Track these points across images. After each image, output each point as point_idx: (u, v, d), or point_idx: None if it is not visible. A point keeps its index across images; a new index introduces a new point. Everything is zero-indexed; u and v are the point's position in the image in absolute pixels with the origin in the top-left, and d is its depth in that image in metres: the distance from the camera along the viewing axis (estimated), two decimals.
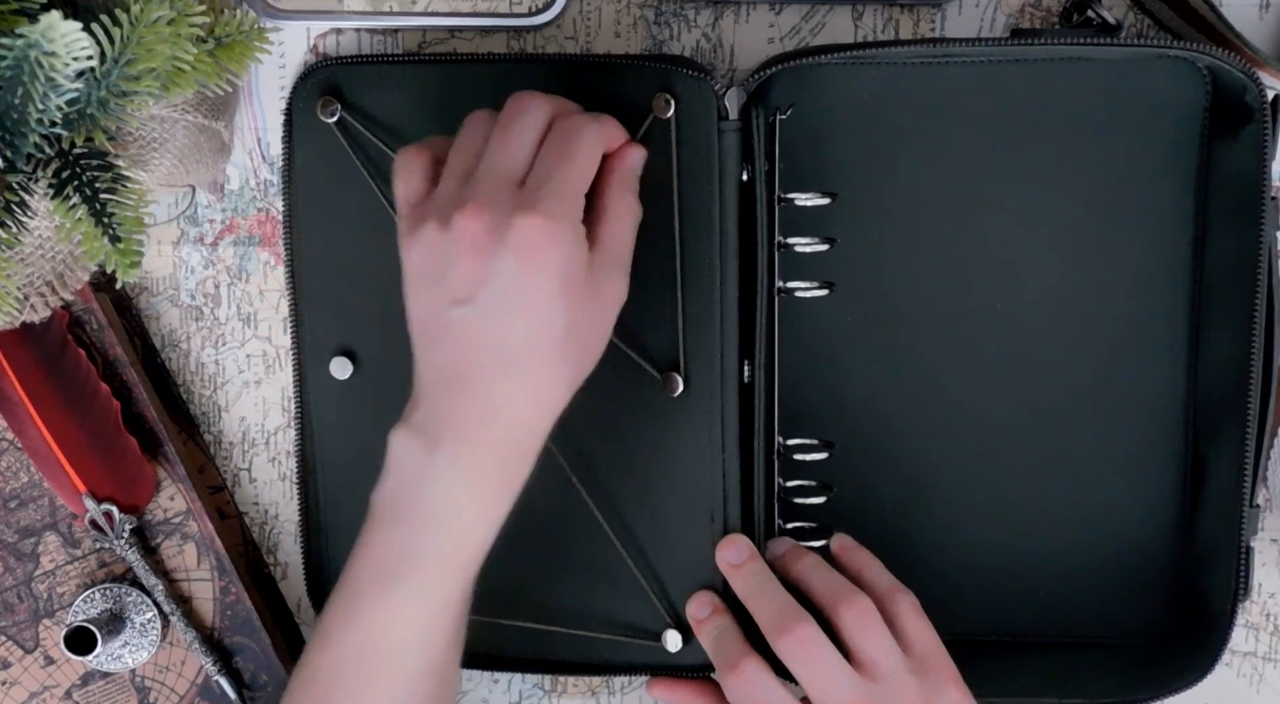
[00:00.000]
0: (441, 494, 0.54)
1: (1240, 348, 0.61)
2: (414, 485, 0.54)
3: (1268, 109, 0.59)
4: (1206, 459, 0.64)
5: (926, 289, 0.64)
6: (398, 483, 0.55)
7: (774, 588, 0.60)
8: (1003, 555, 0.65)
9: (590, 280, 0.54)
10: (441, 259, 0.53)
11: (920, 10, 0.65)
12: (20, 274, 0.59)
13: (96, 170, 0.50)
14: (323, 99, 0.63)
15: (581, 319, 0.54)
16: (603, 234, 0.56)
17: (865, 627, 0.57)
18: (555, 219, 0.52)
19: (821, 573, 0.60)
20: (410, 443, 0.54)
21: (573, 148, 0.54)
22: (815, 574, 0.60)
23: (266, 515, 0.70)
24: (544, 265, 0.52)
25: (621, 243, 0.57)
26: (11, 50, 0.43)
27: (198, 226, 0.68)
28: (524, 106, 0.55)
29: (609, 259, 0.56)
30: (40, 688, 0.69)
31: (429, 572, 0.54)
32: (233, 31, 0.52)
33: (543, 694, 0.70)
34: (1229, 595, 0.62)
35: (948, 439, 0.65)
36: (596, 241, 0.55)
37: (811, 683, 0.57)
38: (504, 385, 0.54)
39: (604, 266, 0.55)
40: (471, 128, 0.56)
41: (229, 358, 0.69)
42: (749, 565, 0.62)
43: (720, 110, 0.61)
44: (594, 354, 0.56)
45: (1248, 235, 0.60)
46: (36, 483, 0.68)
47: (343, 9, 0.65)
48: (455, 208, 0.53)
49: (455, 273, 0.53)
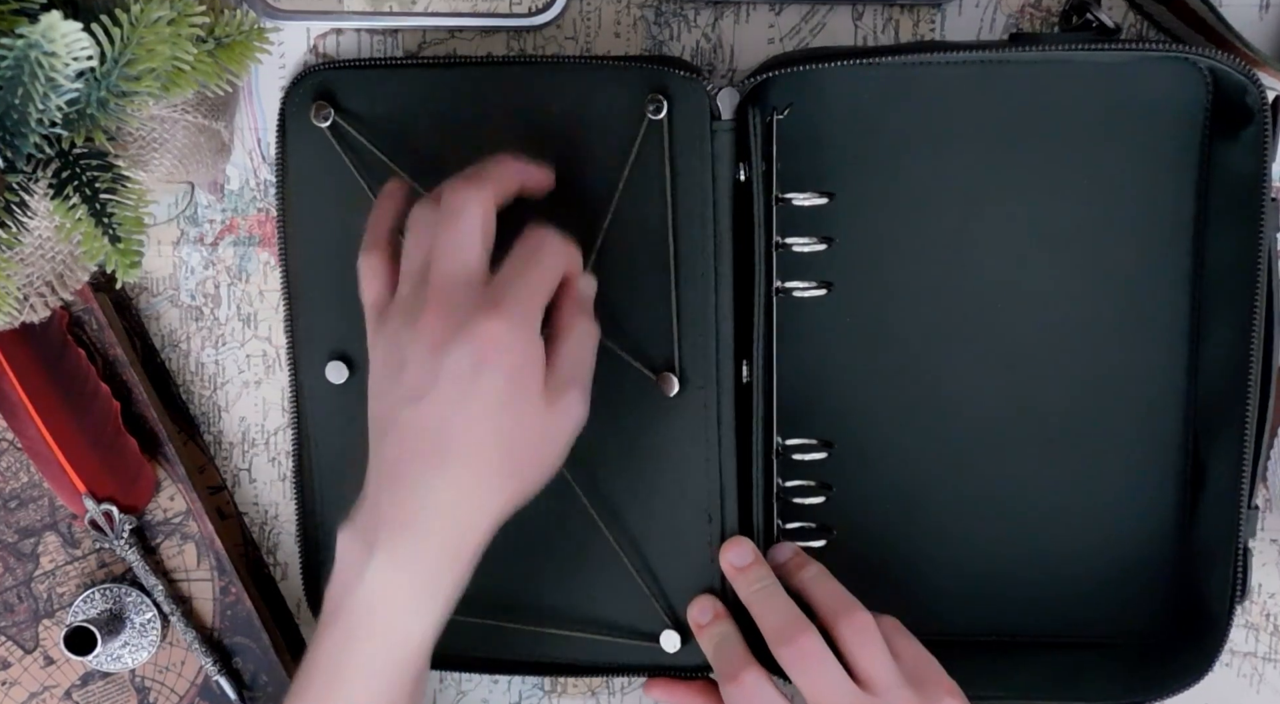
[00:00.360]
0: (377, 597, 0.54)
1: (1240, 348, 0.61)
2: (352, 587, 0.54)
3: (1268, 110, 0.59)
4: (1206, 459, 0.64)
5: (925, 289, 0.64)
6: (340, 584, 0.55)
7: (779, 595, 0.60)
8: (1002, 555, 0.65)
9: (547, 395, 0.54)
10: (401, 357, 0.54)
11: (920, 10, 0.65)
12: (20, 274, 0.59)
13: (96, 170, 0.50)
14: (316, 103, 0.63)
15: (532, 428, 0.54)
16: (564, 351, 0.56)
17: (865, 642, 0.58)
18: (517, 323, 0.53)
19: (824, 584, 0.60)
20: (350, 543, 0.55)
21: (540, 255, 0.55)
22: (817, 585, 0.60)
23: (266, 515, 0.70)
24: (499, 367, 0.52)
25: (582, 362, 0.56)
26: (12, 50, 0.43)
27: (198, 227, 0.68)
28: (462, 202, 0.55)
29: (570, 377, 0.55)
30: (40, 688, 0.69)
31: (370, 676, 0.54)
32: (233, 32, 0.52)
33: (543, 694, 0.70)
34: (1227, 596, 0.62)
35: (947, 439, 0.65)
36: (557, 358, 0.55)
37: (812, 694, 0.57)
38: (439, 484, 0.53)
39: (565, 384, 0.55)
40: (417, 227, 0.56)
41: (229, 358, 0.69)
42: (753, 570, 0.62)
43: (713, 110, 0.61)
44: (543, 468, 0.56)
45: (1248, 236, 0.60)
46: (36, 483, 0.68)
47: (343, 9, 0.65)
48: (419, 308, 0.53)
49: (411, 370, 0.53)
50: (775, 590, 0.60)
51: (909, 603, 0.63)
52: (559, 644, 0.65)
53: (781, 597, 0.60)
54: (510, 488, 0.55)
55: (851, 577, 0.61)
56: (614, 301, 0.62)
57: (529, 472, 0.55)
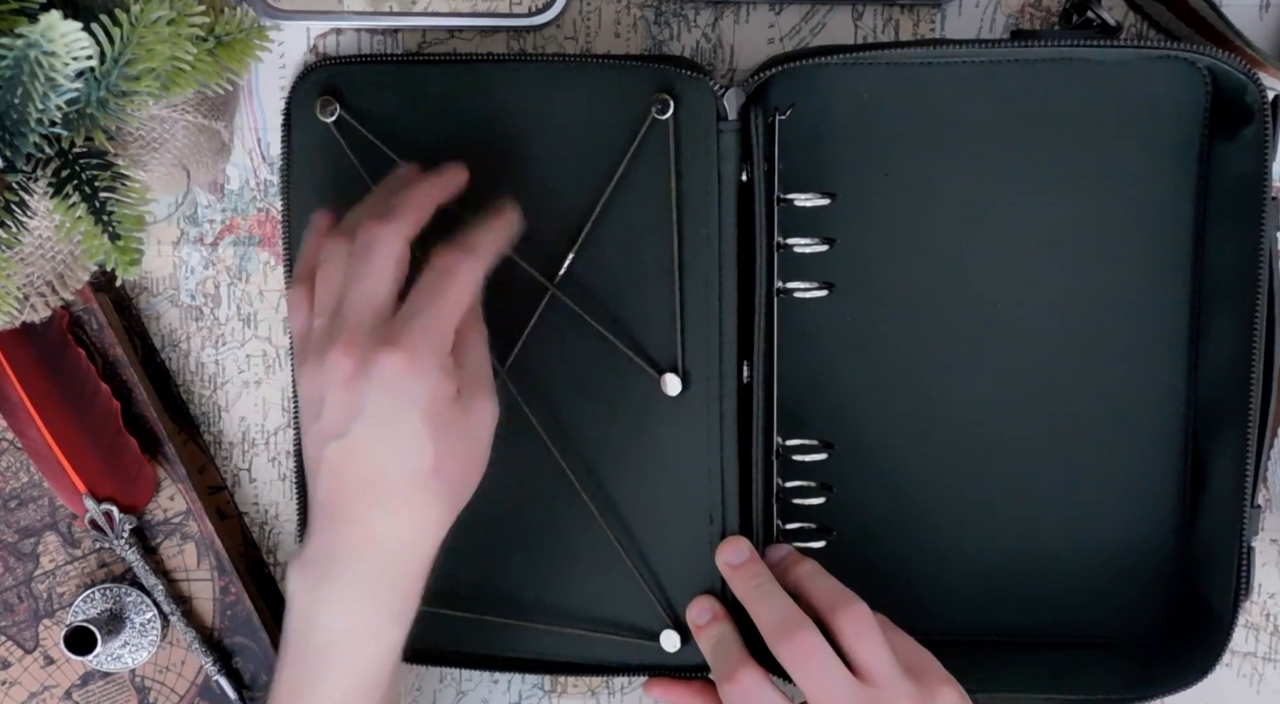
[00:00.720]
0: (327, 628, 0.55)
1: (1241, 348, 0.61)
2: (305, 621, 0.56)
3: (1268, 109, 0.59)
4: (1207, 459, 0.64)
5: (926, 289, 0.64)
6: (293, 618, 0.56)
7: (775, 592, 0.60)
8: (1003, 555, 0.65)
9: (459, 409, 0.55)
10: (318, 395, 0.55)
11: (920, 10, 0.65)
12: (20, 274, 0.59)
13: (96, 169, 0.50)
14: (321, 99, 0.63)
15: (453, 447, 0.55)
16: (463, 361, 0.56)
17: (863, 634, 0.58)
18: (418, 354, 0.53)
19: (819, 579, 0.60)
20: (300, 577, 0.56)
21: (444, 284, 0.55)
22: (813, 580, 0.60)
23: (266, 515, 0.70)
24: (407, 400, 0.53)
25: (478, 365, 0.57)
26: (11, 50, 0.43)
27: (198, 226, 0.68)
28: (372, 239, 0.55)
29: (474, 384, 0.56)
30: (40, 688, 0.69)
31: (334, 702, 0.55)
32: (232, 31, 0.52)
33: (543, 694, 0.70)
34: (1230, 595, 0.62)
35: (948, 440, 0.65)
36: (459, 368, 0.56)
37: (812, 690, 0.57)
38: (377, 518, 0.54)
39: (471, 392, 0.56)
40: (330, 259, 0.56)
41: (229, 358, 0.69)
42: (749, 568, 0.62)
43: (719, 111, 0.61)
44: (472, 477, 0.57)
45: (1248, 236, 0.60)
46: (36, 483, 0.68)
47: (343, 9, 0.65)
48: (328, 344, 0.54)
49: (328, 409, 0.54)
50: (771, 588, 0.60)
51: (909, 603, 0.63)
52: (559, 642, 0.65)
53: (778, 594, 0.60)
54: (446, 505, 0.56)
55: (851, 577, 0.61)
56: (616, 302, 0.62)
57: (459, 485, 0.56)
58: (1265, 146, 0.59)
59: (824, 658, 0.57)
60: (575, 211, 0.62)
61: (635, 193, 0.62)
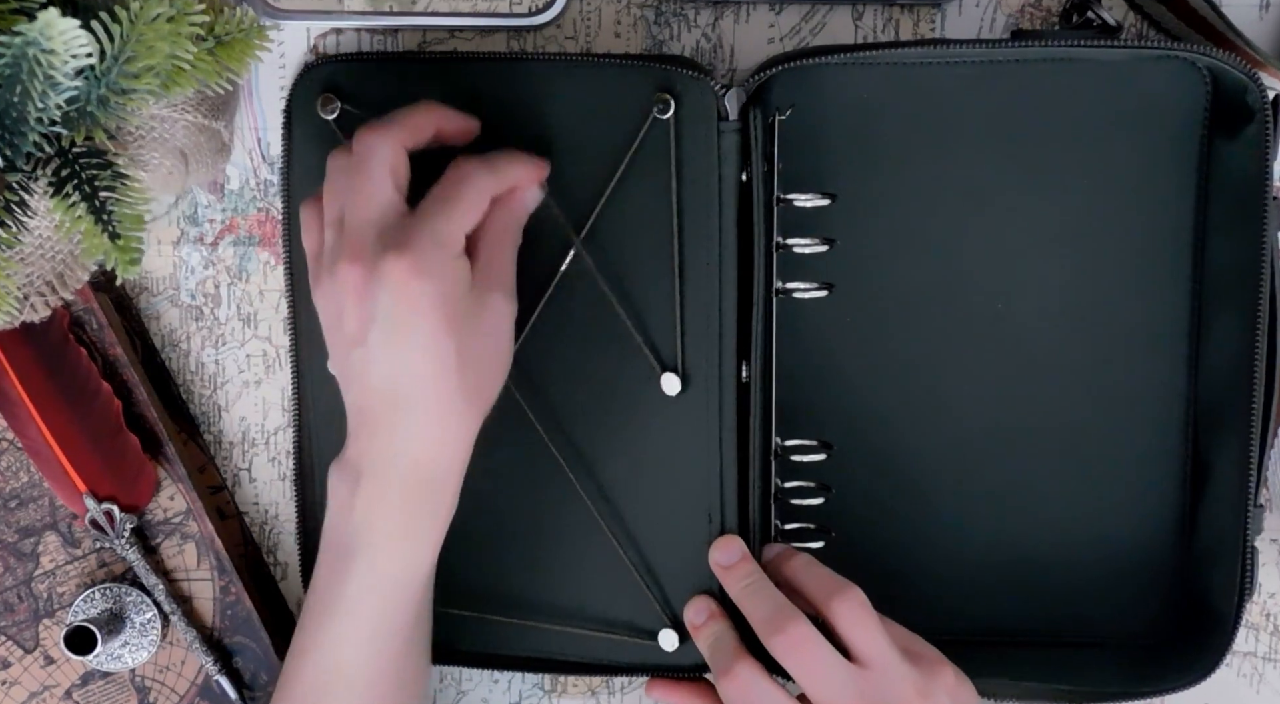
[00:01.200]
0: (362, 530, 0.56)
1: (1242, 348, 0.60)
2: (342, 521, 0.57)
3: (1269, 109, 0.59)
4: (1209, 459, 0.63)
5: (926, 290, 0.64)
6: (331, 517, 0.58)
7: (766, 588, 0.60)
8: (1003, 555, 0.65)
9: (474, 307, 0.56)
10: (337, 306, 0.56)
11: (920, 10, 0.65)
12: (20, 274, 0.59)
13: (96, 169, 0.50)
14: (323, 96, 0.63)
15: (471, 345, 0.55)
16: (481, 256, 0.57)
17: (859, 620, 0.57)
18: (424, 256, 0.54)
19: (812, 570, 0.60)
20: (338, 479, 0.57)
21: (454, 190, 0.56)
22: (806, 572, 0.60)
23: (266, 515, 0.70)
24: (418, 300, 0.54)
25: (496, 263, 0.57)
26: (10, 48, 0.43)
27: (198, 226, 0.68)
28: (370, 147, 0.56)
29: (488, 283, 0.57)
30: (40, 688, 0.69)
31: (361, 603, 0.57)
32: (232, 30, 0.52)
33: (543, 694, 0.70)
34: (1232, 595, 0.61)
35: (947, 440, 0.65)
36: (475, 263, 0.56)
37: (808, 681, 0.57)
38: (403, 425, 0.55)
39: (486, 290, 0.56)
40: (333, 175, 0.58)
41: (229, 358, 0.69)
42: (741, 567, 0.62)
43: (720, 111, 0.61)
44: (494, 377, 0.58)
45: (1249, 236, 0.60)
46: (36, 483, 0.68)
47: (343, 9, 0.65)
48: (338, 256, 0.55)
49: (346, 318, 0.55)
50: (763, 585, 0.60)
51: (908, 603, 0.62)
52: (558, 640, 0.65)
53: (769, 590, 0.60)
54: (472, 407, 0.56)
55: (850, 577, 0.60)
56: (617, 301, 0.62)
57: (484, 384, 0.57)
58: (1266, 146, 0.59)
59: (816, 647, 0.57)
60: (575, 211, 0.62)
61: (635, 192, 0.62)
